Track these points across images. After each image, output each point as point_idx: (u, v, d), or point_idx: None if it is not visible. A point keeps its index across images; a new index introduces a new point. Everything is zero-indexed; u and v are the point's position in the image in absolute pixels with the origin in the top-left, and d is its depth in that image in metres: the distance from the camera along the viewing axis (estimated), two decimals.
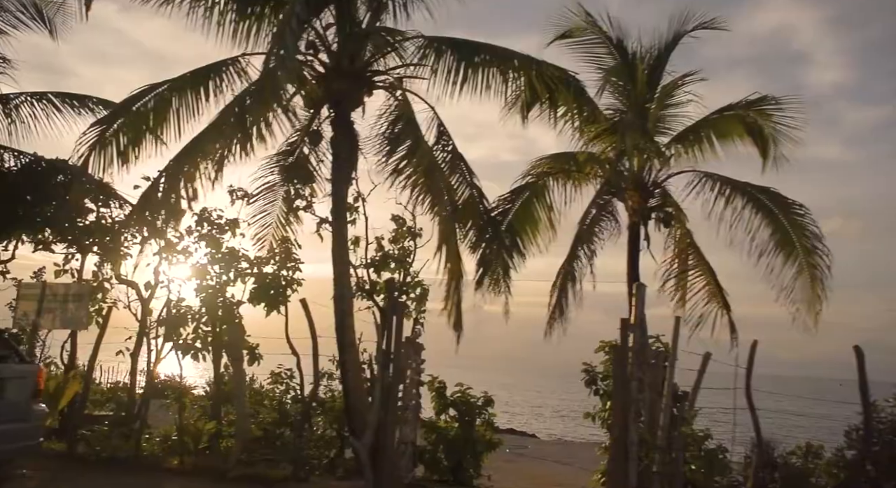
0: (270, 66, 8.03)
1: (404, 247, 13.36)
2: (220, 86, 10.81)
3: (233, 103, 9.95)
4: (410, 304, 13.36)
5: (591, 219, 12.07)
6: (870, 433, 9.36)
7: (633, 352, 10.03)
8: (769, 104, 12.24)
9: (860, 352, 9.53)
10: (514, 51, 11.28)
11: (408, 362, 11.13)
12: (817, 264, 11.57)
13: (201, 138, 9.97)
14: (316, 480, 10.83)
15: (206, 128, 10.08)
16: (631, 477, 9.69)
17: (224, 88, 10.79)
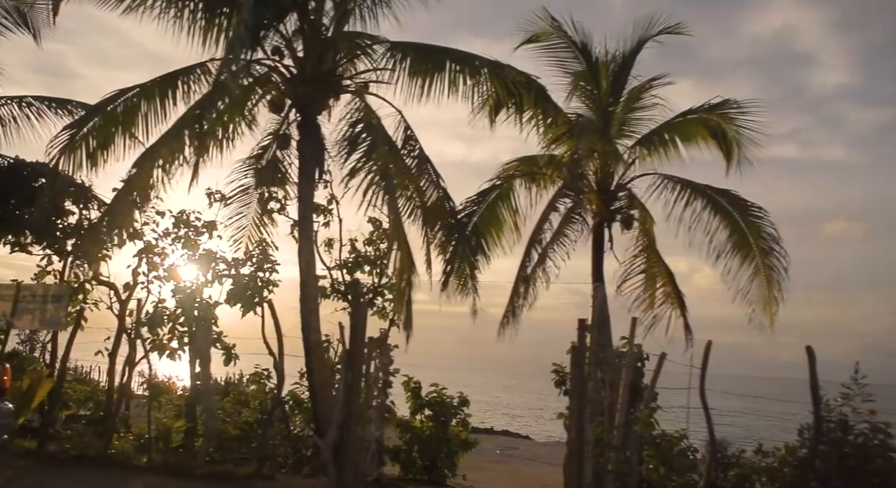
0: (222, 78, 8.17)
1: (379, 248, 13.53)
2: (188, 91, 10.97)
3: (191, 109, 10.11)
4: (387, 305, 13.56)
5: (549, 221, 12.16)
6: (819, 431, 9.42)
7: (591, 352, 10.17)
8: (731, 108, 12.36)
9: (811, 352, 9.60)
10: (477, 55, 11.39)
11: (372, 362, 11.31)
12: (774, 265, 11.67)
13: (160, 143, 10.12)
14: (282, 478, 10.94)
15: (165, 134, 10.24)
16: (585, 475, 9.81)
17: (192, 93, 10.94)
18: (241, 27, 8.47)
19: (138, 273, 13.16)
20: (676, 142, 12.84)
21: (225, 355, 12.98)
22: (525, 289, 12.11)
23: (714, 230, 12.09)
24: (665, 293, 12.91)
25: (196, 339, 11.98)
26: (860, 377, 9.33)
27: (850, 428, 9.60)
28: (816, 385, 9.54)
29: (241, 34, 8.41)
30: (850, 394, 9.36)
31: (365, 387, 10.87)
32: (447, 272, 11.95)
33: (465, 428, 13.03)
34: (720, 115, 12.37)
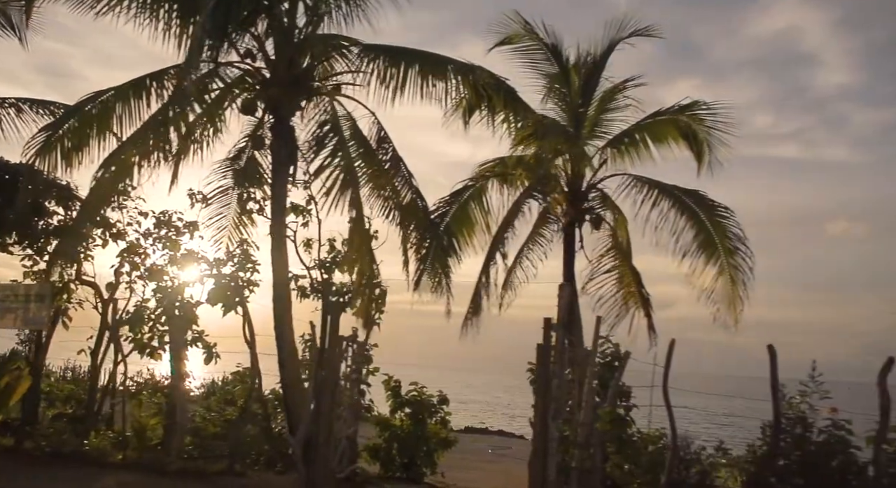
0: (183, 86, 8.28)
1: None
2: (162, 93, 11.08)
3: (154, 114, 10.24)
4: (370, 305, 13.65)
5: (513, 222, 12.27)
6: (779, 428, 9.49)
7: (556, 350, 10.24)
8: (701, 109, 12.45)
9: (773, 350, 9.65)
10: (449, 57, 11.50)
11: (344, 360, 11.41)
12: (739, 265, 11.76)
13: (124, 146, 10.26)
14: (253, 474, 11.06)
15: (129, 137, 10.37)
16: (549, 472, 9.89)
17: (165, 95, 11.05)
18: (199, 35, 8.59)
19: (121, 273, 13.33)
20: (648, 142, 12.92)
21: (206, 354, 13.16)
22: (487, 288, 12.22)
23: (680, 230, 12.20)
24: (629, 293, 13.00)
25: (170, 338, 12.11)
26: (817, 375, 9.41)
27: (811, 426, 9.71)
28: (777, 383, 9.58)
29: (198, 42, 8.51)
30: (807, 392, 9.44)
31: (336, 385, 10.97)
32: (419, 271, 12.06)
33: (444, 426, 13.14)
34: (690, 116, 12.45)
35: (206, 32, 8.64)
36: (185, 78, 8.47)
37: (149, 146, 9.80)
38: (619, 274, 13.14)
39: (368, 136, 12.21)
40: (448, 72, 11.21)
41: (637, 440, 10.82)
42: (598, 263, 13.21)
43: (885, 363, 9.35)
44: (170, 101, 9.72)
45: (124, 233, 13.39)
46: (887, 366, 9.33)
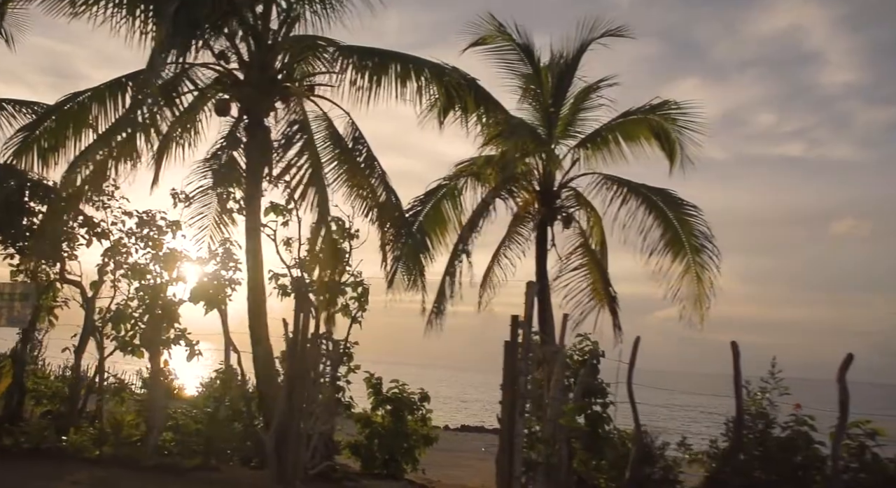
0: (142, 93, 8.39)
1: (341, 247, 13.74)
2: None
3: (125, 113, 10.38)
4: (352, 303, 13.76)
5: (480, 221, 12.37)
6: (741, 423, 9.59)
7: (523, 347, 10.34)
8: (672, 108, 12.54)
9: (736, 347, 9.77)
10: (422, 58, 11.62)
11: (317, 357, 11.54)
12: (705, 263, 11.86)
13: (93, 146, 10.40)
14: (226, 469, 11.19)
15: (99, 136, 10.51)
16: (515, 467, 10.00)
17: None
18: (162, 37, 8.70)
19: (105, 271, 13.48)
20: (620, 141, 13.04)
21: (188, 351, 13.32)
22: (452, 286, 12.34)
23: (648, 228, 12.32)
24: (595, 290, 13.10)
25: (147, 336, 12.25)
26: (777, 371, 9.51)
27: (773, 421, 9.82)
28: (739, 379, 9.69)
29: (161, 44, 8.62)
30: (767, 388, 9.55)
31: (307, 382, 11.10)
32: (393, 269, 12.19)
33: (424, 423, 13.24)
34: (661, 116, 12.56)
35: (170, 35, 8.74)
36: (148, 79, 8.58)
37: (112, 147, 9.91)
38: (586, 271, 13.25)
39: (345, 136, 12.34)
40: (419, 72, 11.33)
41: (615, 437, 10.93)
42: (567, 261, 13.34)
43: (844, 359, 9.46)
44: (132, 103, 9.83)
45: (109, 232, 13.52)
46: (846, 363, 9.44)
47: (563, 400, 10.40)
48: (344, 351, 13.05)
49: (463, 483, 13.07)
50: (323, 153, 12.40)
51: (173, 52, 8.96)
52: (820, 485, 9.41)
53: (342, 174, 12.41)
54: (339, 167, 12.41)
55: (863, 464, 9.53)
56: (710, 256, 11.89)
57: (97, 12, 10.60)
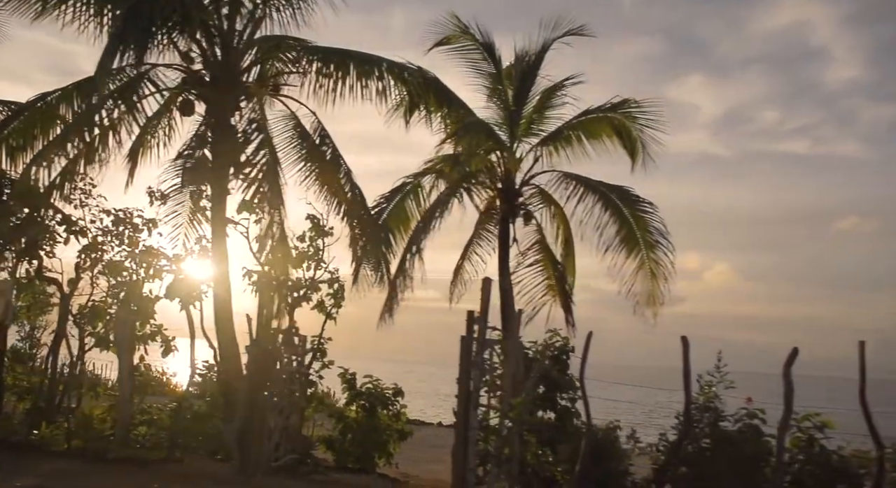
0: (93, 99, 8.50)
1: (314, 245, 13.90)
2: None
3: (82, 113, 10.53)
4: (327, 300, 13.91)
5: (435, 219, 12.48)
6: (689, 416, 9.70)
7: (478, 342, 10.48)
8: (632, 107, 12.64)
9: (686, 341, 9.86)
10: (385, 58, 11.73)
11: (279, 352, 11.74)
12: (659, 260, 11.96)
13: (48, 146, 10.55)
14: (191, 461, 11.38)
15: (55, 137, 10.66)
16: (469, 459, 10.15)
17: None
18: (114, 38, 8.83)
19: (84, 269, 13.67)
20: (583, 139, 13.14)
21: (164, 347, 13.53)
22: (404, 281, 12.46)
23: (604, 224, 12.41)
24: (549, 285, 13.21)
25: (117, 333, 12.44)
26: (722, 365, 9.63)
27: (722, 414, 9.93)
28: (689, 373, 9.78)
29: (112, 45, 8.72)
30: (712, 382, 9.66)
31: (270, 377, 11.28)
32: (358, 266, 12.33)
33: (396, 418, 13.38)
34: (623, 114, 12.66)
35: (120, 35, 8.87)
36: (97, 80, 8.72)
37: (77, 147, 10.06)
38: (541, 267, 13.38)
39: (313, 135, 12.50)
40: (382, 72, 11.46)
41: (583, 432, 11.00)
42: (524, 257, 13.46)
43: (790, 353, 9.57)
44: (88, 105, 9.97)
45: (87, 230, 13.70)
46: (792, 357, 9.55)
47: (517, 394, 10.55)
48: (317, 346, 13.28)
49: (440, 477, 13.19)
50: (291, 152, 12.58)
51: (129, 54, 9.08)
52: (768, 477, 9.53)
53: (311, 173, 12.56)
54: (307, 165, 12.55)
55: (810, 457, 9.65)
56: (665, 252, 12.03)
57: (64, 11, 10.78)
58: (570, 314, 13.13)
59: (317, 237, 13.76)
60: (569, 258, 13.78)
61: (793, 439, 9.88)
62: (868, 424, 9.27)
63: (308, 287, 13.75)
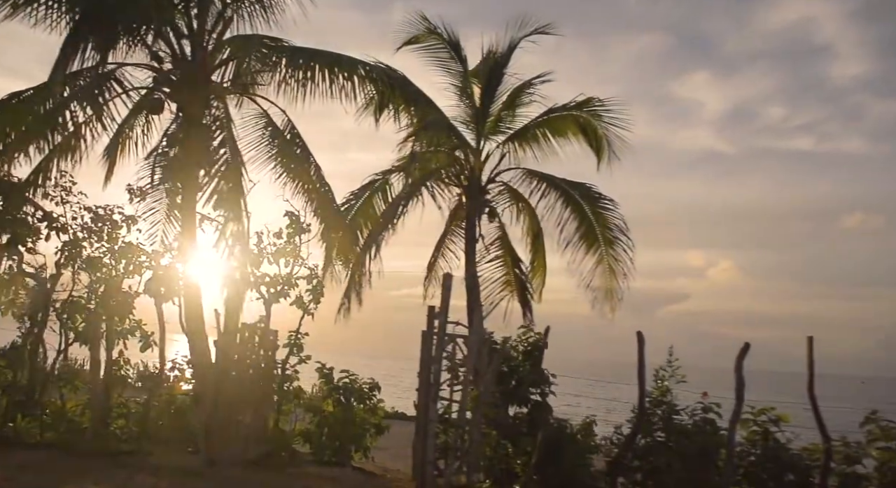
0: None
1: (292, 241, 14.06)
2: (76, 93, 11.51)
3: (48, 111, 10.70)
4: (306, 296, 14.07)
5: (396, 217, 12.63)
6: (642, 410, 9.85)
7: (438, 336, 10.64)
8: (596, 105, 12.75)
9: (641, 336, 10.01)
10: (353, 57, 11.88)
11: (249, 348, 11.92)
12: (618, 256, 12.08)
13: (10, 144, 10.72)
14: (161, 453, 11.56)
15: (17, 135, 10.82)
16: (428, 451, 10.31)
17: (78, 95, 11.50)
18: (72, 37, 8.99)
19: (66, 265, 13.86)
20: (548, 137, 13.26)
21: (142, 342, 13.72)
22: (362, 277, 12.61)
23: (565, 221, 12.55)
24: (507, 281, 13.35)
25: (87, 325, 12.62)
26: (674, 359, 9.78)
27: (675, 407, 10.08)
28: (644, 368, 9.94)
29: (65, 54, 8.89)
30: (664, 376, 9.81)
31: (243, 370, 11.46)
32: (326, 263, 12.49)
33: (372, 412, 13.53)
34: (588, 112, 12.78)
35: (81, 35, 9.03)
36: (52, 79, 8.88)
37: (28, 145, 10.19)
38: (500, 263, 13.52)
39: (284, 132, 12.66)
40: (351, 71, 11.59)
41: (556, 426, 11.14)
42: (486, 253, 13.59)
43: (742, 348, 9.72)
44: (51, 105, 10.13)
45: (68, 226, 13.88)
46: (743, 351, 9.70)
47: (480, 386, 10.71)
48: (294, 341, 13.45)
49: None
50: (263, 149, 12.73)
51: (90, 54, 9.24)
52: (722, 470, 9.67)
53: (284, 170, 12.72)
54: (279, 163, 12.71)
55: (764, 450, 9.80)
56: (625, 249, 12.16)
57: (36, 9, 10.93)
58: (529, 309, 13.28)
59: (295, 233, 13.96)
60: (538, 254, 13.92)
61: (749, 433, 10.07)
62: (816, 417, 9.43)
63: (285, 282, 13.94)
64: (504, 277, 13.63)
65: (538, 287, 13.91)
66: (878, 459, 9.53)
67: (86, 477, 9.81)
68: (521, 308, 13.48)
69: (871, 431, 9.71)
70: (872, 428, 9.72)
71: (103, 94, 11.14)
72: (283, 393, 13.25)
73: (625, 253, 12.19)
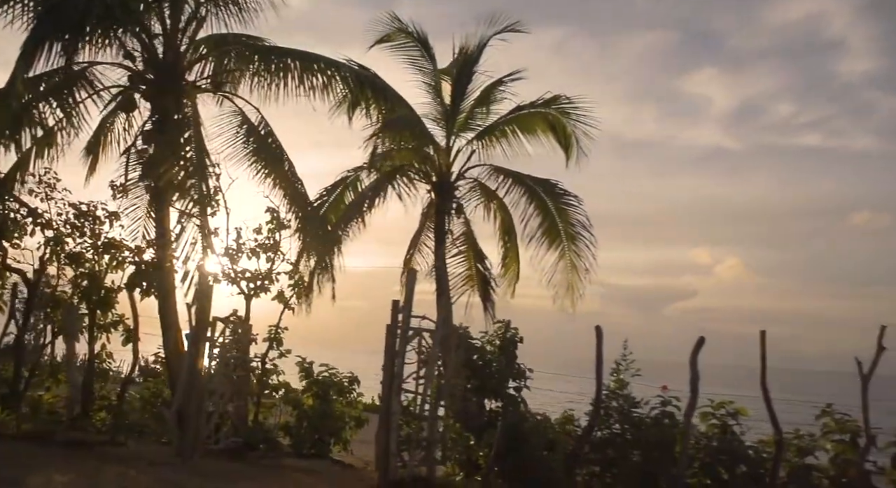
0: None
1: (273, 237, 14.24)
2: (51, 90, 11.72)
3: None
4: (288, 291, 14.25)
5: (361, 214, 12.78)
6: (598, 403, 9.97)
7: (401, 330, 10.77)
8: (564, 103, 12.85)
9: (599, 331, 10.13)
10: (324, 56, 12.03)
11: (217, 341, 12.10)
12: (580, 251, 12.18)
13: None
14: (133, 444, 11.75)
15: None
16: (391, 443, 10.44)
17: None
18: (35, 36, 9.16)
19: (51, 260, 14.10)
20: (518, 134, 13.36)
21: (124, 336, 13.97)
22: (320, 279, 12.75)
23: (529, 216, 12.66)
24: (468, 276, 13.46)
25: (64, 319, 12.84)
26: (628, 353, 9.92)
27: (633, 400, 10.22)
28: (601, 362, 10.06)
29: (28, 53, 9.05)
30: (619, 369, 9.94)
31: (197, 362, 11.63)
32: (298, 257, 12.65)
33: (350, 405, 13.71)
34: (556, 110, 12.88)
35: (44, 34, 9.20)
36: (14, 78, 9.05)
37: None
38: (463, 258, 13.63)
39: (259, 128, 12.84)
40: (323, 70, 11.75)
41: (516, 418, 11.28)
42: (454, 247, 13.71)
43: (697, 342, 9.83)
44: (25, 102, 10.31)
45: (53, 222, 14.10)
46: (698, 345, 9.81)
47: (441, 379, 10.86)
48: (274, 336, 13.64)
49: None
50: (238, 147, 12.91)
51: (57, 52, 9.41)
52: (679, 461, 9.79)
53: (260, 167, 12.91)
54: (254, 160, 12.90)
55: (721, 442, 9.92)
56: (587, 244, 12.26)
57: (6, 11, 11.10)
58: (490, 304, 13.41)
59: (276, 229, 14.13)
60: (511, 250, 14.04)
61: (708, 426, 10.20)
62: (768, 410, 9.55)
63: (265, 277, 14.11)
64: (466, 272, 13.76)
65: (511, 282, 14.04)
66: (833, 451, 9.63)
67: (55, 467, 9.92)
68: (482, 302, 13.61)
69: (826, 424, 9.81)
70: (827, 421, 9.83)
71: (73, 94, 11.32)
72: (262, 387, 13.46)
73: (587, 249, 12.33)
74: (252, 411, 13.20)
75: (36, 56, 9.09)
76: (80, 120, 11.94)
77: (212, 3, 11.82)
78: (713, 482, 9.56)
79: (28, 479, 9.16)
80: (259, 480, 10.53)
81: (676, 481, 9.34)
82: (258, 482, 10.46)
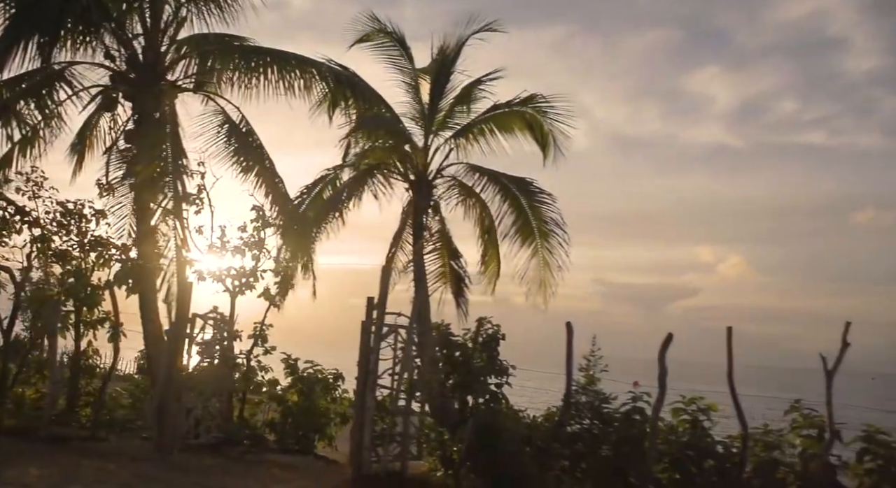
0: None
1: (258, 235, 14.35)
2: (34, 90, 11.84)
3: None
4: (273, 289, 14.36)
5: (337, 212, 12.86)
6: (568, 399, 10.05)
7: (376, 327, 10.88)
8: (540, 102, 12.89)
9: (570, 327, 10.19)
10: (303, 56, 12.12)
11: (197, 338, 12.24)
12: (553, 248, 12.25)
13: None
14: (114, 439, 11.88)
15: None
16: (365, 437, 10.56)
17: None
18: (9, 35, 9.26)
19: (39, 258, 14.24)
20: (496, 132, 13.42)
21: (111, 333, 14.10)
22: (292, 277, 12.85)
23: (503, 214, 12.73)
24: (442, 273, 13.54)
25: (45, 316, 12.97)
26: (596, 349, 10.00)
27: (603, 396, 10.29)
28: (571, 358, 10.12)
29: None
30: (588, 365, 10.01)
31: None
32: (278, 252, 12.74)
33: (334, 402, 13.82)
34: (534, 109, 12.94)
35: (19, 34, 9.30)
36: None
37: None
38: (437, 256, 13.71)
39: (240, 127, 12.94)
40: (302, 70, 11.84)
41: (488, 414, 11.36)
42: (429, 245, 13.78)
43: (665, 338, 9.90)
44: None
45: (39, 220, 14.23)
46: (667, 342, 9.87)
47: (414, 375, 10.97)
48: (259, 333, 13.75)
49: None
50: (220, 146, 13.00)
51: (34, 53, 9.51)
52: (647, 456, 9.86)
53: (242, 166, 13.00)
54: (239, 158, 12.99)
55: (691, 437, 10.00)
56: (560, 242, 12.34)
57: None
58: (462, 300, 13.50)
59: (261, 227, 14.23)
60: (490, 248, 14.10)
61: (679, 421, 10.27)
62: (735, 406, 9.62)
63: (250, 275, 14.21)
64: (439, 269, 13.84)
65: (492, 279, 14.13)
66: (801, 446, 9.70)
67: (32, 461, 10.01)
68: (455, 299, 13.69)
69: (795, 419, 9.88)
70: (796, 417, 9.90)
71: (52, 94, 11.44)
72: (246, 383, 13.58)
73: (560, 246, 12.41)
74: (237, 407, 13.32)
75: (11, 56, 9.17)
76: (60, 120, 11.99)
77: (192, 4, 11.88)
78: (682, 476, 9.61)
79: (5, 473, 9.27)
80: (237, 475, 10.62)
81: (645, 476, 9.41)
82: (236, 476, 10.52)
